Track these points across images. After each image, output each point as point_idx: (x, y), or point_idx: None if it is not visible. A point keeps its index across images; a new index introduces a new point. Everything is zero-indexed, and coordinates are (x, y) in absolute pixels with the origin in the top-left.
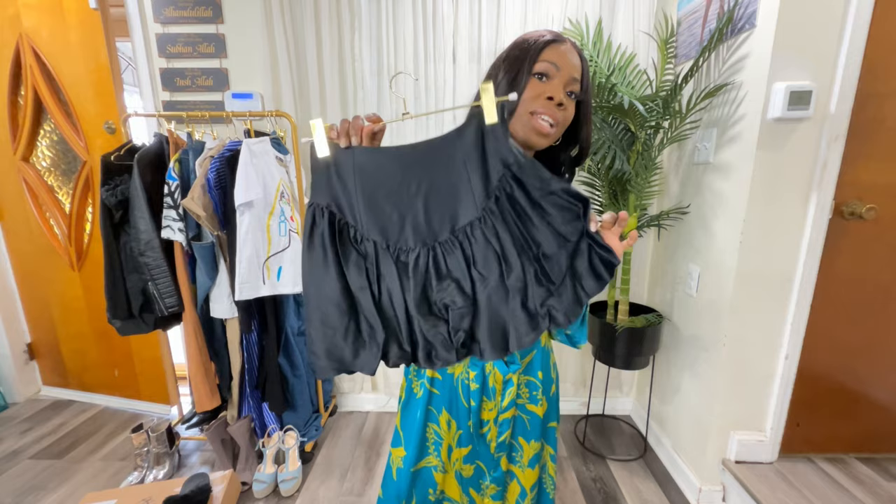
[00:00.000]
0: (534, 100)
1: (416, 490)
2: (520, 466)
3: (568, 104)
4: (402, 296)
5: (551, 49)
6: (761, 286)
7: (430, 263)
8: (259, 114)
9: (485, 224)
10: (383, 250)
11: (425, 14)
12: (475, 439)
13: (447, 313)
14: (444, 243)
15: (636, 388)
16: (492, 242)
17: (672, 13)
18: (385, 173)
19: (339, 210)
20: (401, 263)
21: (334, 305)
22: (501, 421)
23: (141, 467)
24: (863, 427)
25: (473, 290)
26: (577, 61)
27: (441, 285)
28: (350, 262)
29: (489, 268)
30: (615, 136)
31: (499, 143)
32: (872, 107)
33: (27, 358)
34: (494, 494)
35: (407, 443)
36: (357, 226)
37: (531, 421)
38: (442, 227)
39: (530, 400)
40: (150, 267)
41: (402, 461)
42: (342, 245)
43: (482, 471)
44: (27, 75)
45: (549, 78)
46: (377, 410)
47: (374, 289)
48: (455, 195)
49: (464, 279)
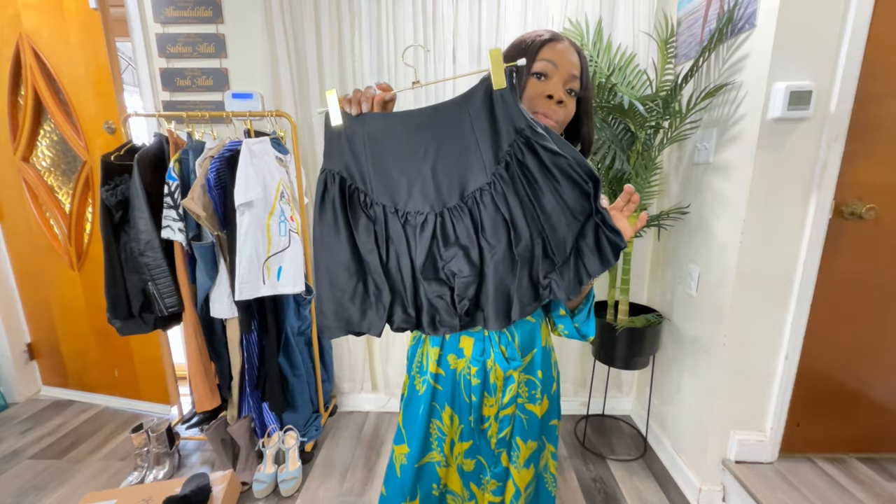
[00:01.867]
0: (534, 99)
1: (420, 486)
2: (515, 466)
3: (568, 101)
4: (409, 259)
5: (549, 48)
6: (761, 286)
7: (438, 228)
8: (259, 114)
9: (495, 190)
10: (392, 214)
11: (425, 14)
12: (476, 434)
13: (453, 280)
14: (453, 209)
15: (636, 388)
16: (501, 209)
17: (672, 13)
18: (394, 139)
19: (350, 176)
20: (409, 227)
21: (343, 267)
22: (502, 417)
23: (141, 467)
24: (863, 427)
25: (481, 259)
26: (575, 59)
27: (449, 251)
28: (360, 226)
29: (498, 235)
30: (615, 136)
31: (508, 108)
32: (872, 107)
33: (27, 358)
34: (495, 490)
35: (410, 439)
36: (367, 190)
37: (529, 421)
38: (451, 193)
39: (529, 399)
40: (150, 267)
41: (406, 458)
42: (352, 209)
43: (483, 466)
44: (27, 75)
45: (547, 77)
46: (377, 410)
47: (381, 251)
48: (464, 160)
49: (472, 247)
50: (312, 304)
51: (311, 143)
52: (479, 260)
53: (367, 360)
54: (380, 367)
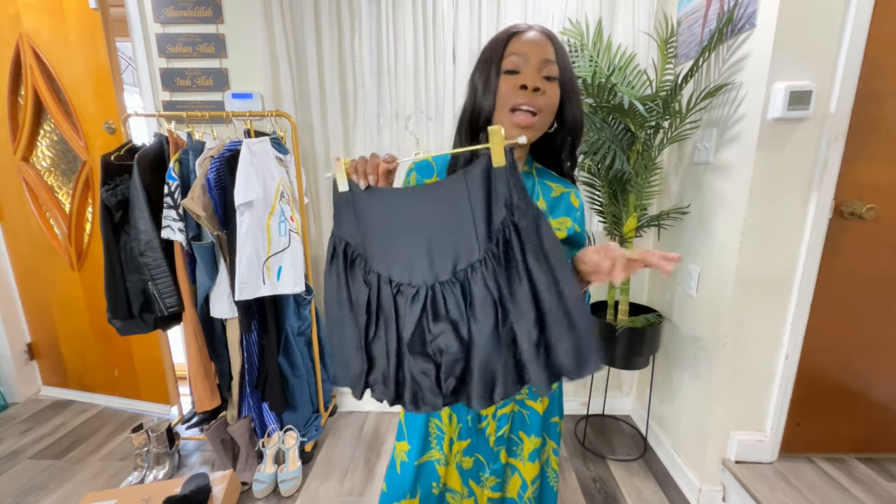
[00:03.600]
0: (510, 93)
1: (420, 484)
2: (520, 460)
3: (548, 88)
4: (396, 333)
5: (515, 41)
6: (761, 286)
7: (429, 302)
8: (259, 114)
9: (485, 267)
10: (385, 284)
11: (425, 14)
12: (474, 434)
13: (440, 357)
14: (445, 283)
15: (636, 388)
16: (490, 287)
17: (672, 13)
18: (395, 212)
19: (354, 242)
20: (401, 297)
21: (346, 326)
22: (500, 416)
23: (141, 467)
24: (863, 427)
25: (470, 336)
26: (545, 44)
27: (438, 326)
28: (355, 291)
29: (486, 313)
30: (615, 136)
31: (507, 186)
32: (872, 107)
33: (27, 358)
34: (494, 486)
35: (411, 437)
36: (367, 258)
37: (531, 416)
38: (444, 267)
39: (530, 396)
40: (150, 267)
41: (407, 455)
42: (351, 275)
43: (481, 463)
44: (27, 75)
45: (519, 71)
46: (377, 410)
47: (369, 321)
48: (459, 235)
49: (461, 322)
50: (312, 304)
51: (311, 143)
52: (468, 336)
53: None
54: None
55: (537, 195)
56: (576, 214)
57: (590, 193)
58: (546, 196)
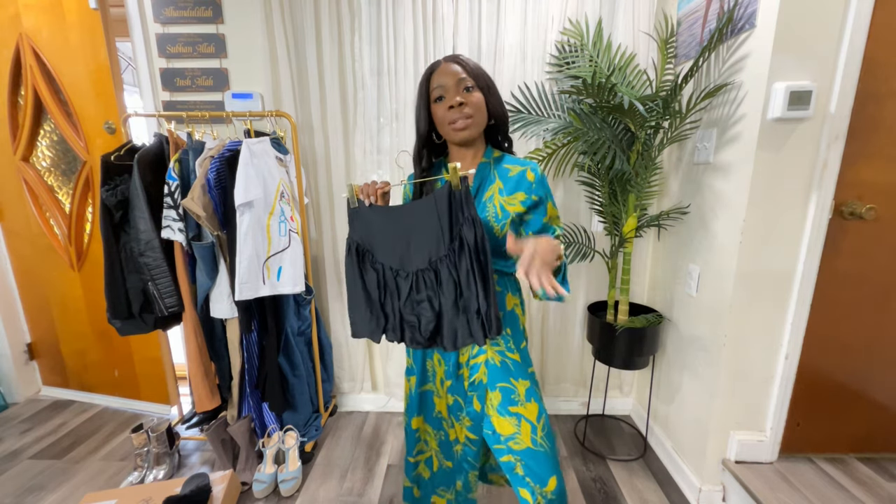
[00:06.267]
0: (444, 115)
1: (423, 407)
2: (521, 405)
3: (469, 96)
4: (397, 299)
5: (434, 76)
6: (761, 286)
7: (413, 282)
8: (259, 114)
9: (449, 260)
10: (389, 270)
11: (425, 14)
12: (454, 377)
13: (422, 315)
14: (424, 270)
15: (636, 388)
16: (452, 273)
17: (672, 13)
18: (388, 223)
19: (363, 243)
20: (399, 278)
21: (361, 298)
22: (472, 365)
23: (141, 467)
24: (863, 427)
25: (440, 305)
26: (455, 67)
27: (420, 296)
28: (368, 276)
29: (449, 289)
30: (615, 136)
31: (461, 202)
32: (872, 107)
33: (27, 358)
34: (470, 427)
35: (415, 371)
36: (373, 254)
37: (514, 364)
38: (422, 259)
39: (508, 350)
40: (150, 267)
41: (413, 384)
42: (363, 265)
43: (459, 404)
44: (27, 75)
45: (444, 97)
46: (377, 410)
47: (381, 293)
48: (432, 238)
49: (434, 297)
50: (312, 304)
51: (310, 143)
52: (438, 306)
53: (367, 361)
54: (380, 368)
55: (493, 179)
56: (531, 186)
57: (590, 193)
58: (503, 177)
